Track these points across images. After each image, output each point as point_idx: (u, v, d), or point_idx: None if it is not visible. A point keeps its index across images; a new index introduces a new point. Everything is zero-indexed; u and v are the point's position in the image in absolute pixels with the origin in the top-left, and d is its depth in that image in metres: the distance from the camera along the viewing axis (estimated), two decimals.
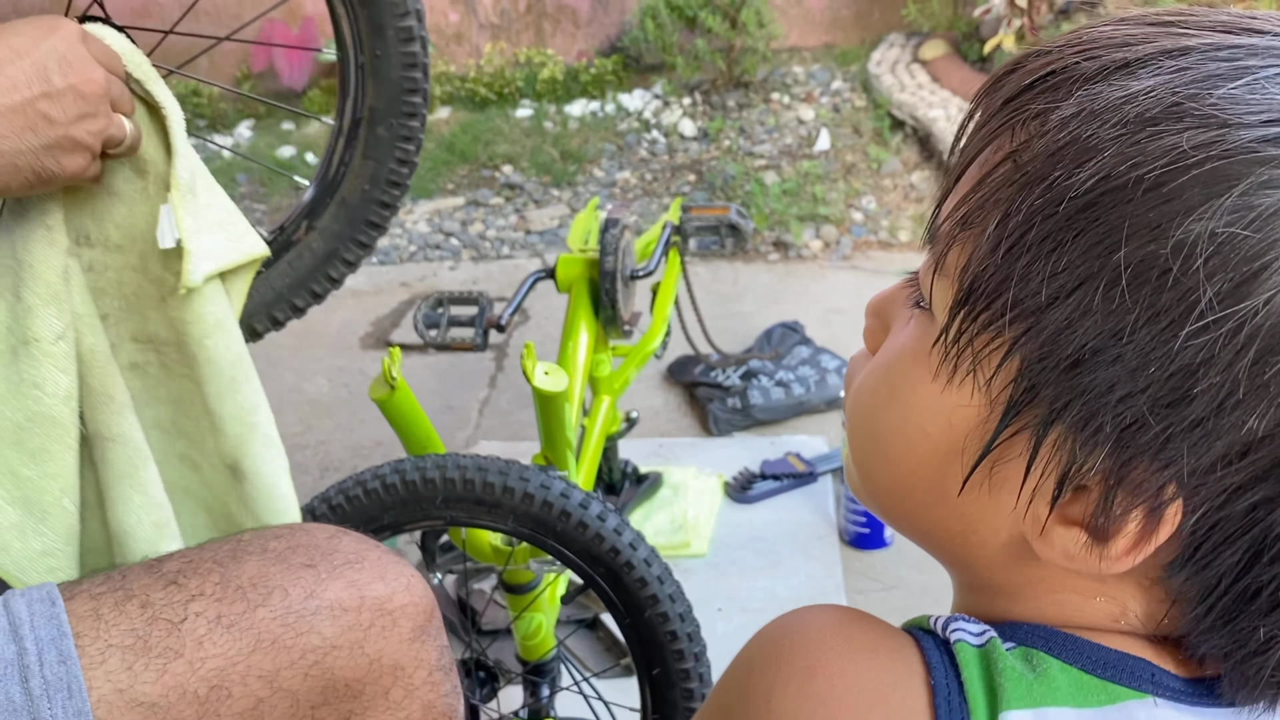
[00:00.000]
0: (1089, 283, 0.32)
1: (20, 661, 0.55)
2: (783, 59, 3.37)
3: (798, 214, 2.69)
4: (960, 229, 0.35)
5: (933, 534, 0.40)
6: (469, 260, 2.73)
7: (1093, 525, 0.34)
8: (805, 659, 0.37)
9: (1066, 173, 0.33)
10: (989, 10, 2.83)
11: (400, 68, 0.85)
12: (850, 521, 1.60)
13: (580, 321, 1.38)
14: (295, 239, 0.89)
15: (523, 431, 1.97)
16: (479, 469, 1.00)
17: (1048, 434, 0.34)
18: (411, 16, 0.84)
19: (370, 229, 0.90)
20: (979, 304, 0.34)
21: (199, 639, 0.58)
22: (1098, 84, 0.34)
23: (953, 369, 0.36)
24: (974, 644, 0.36)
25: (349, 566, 0.64)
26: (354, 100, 0.86)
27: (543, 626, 1.19)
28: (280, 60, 3.41)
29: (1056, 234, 0.32)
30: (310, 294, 0.91)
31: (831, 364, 1.99)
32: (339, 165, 0.88)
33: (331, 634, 0.61)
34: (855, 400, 0.41)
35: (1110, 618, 0.37)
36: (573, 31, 3.55)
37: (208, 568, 0.61)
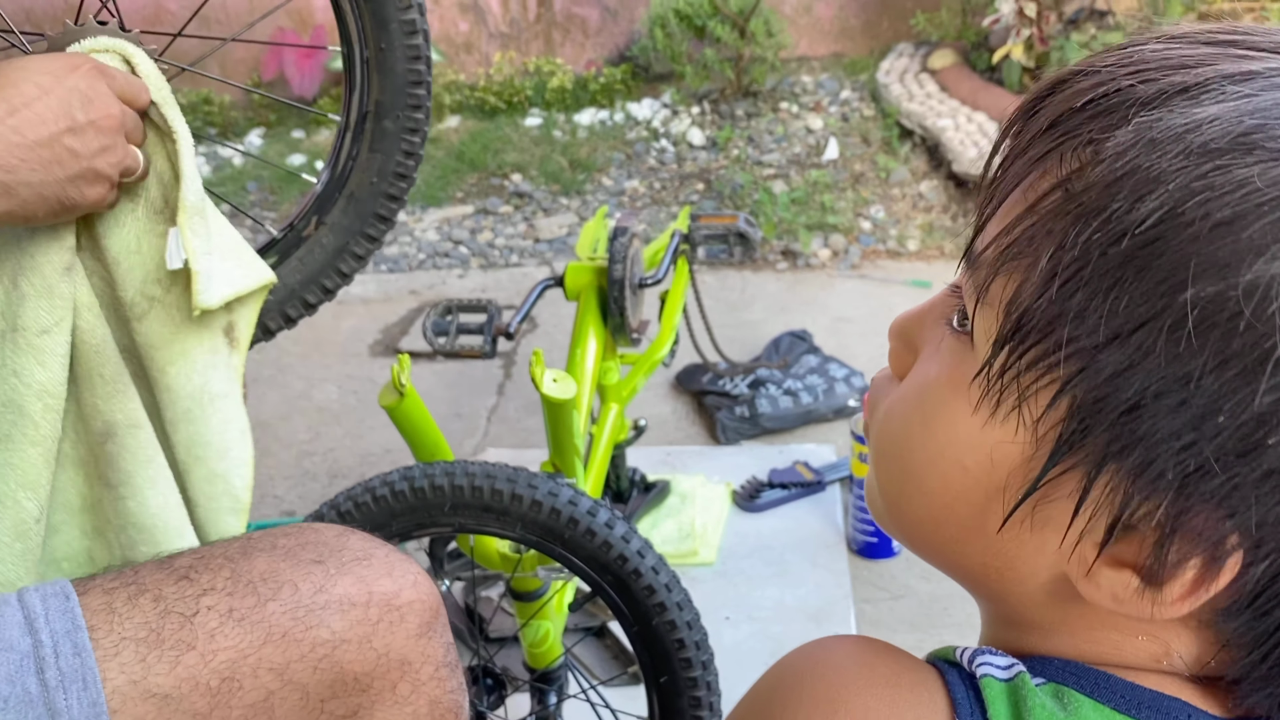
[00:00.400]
0: (1151, 323, 0.30)
1: (36, 654, 0.56)
2: (791, 68, 3.38)
3: (806, 223, 2.69)
4: (1006, 259, 0.34)
5: (965, 567, 0.38)
6: (478, 268, 2.74)
7: (1146, 569, 0.33)
8: (827, 691, 0.36)
9: (1126, 205, 0.31)
10: (998, 20, 2.83)
11: (404, 61, 0.86)
12: (858, 530, 1.60)
13: (589, 329, 1.39)
14: (305, 235, 0.89)
15: (530, 439, 1.97)
16: (487, 476, 1.00)
17: (1100, 476, 0.32)
18: (414, 10, 0.85)
19: (379, 222, 0.90)
20: (1028, 340, 0.33)
21: (211, 632, 0.59)
22: (1156, 109, 0.32)
23: (995, 404, 0.34)
24: (1001, 678, 0.35)
25: (357, 563, 0.65)
26: (360, 95, 0.87)
27: (550, 634, 1.19)
28: (291, 68, 3.43)
29: (1115, 271, 0.31)
30: (322, 289, 0.91)
31: (840, 373, 1.99)
32: (347, 160, 0.88)
33: (340, 628, 0.62)
34: (884, 428, 0.40)
35: (1152, 658, 0.35)
36: (582, 41, 3.56)
37: (218, 563, 0.62)
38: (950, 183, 2.79)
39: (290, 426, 2.05)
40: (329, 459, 1.95)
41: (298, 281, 0.91)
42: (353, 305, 2.52)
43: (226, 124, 3.44)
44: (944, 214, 2.74)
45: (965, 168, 2.68)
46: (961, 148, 2.72)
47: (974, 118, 2.82)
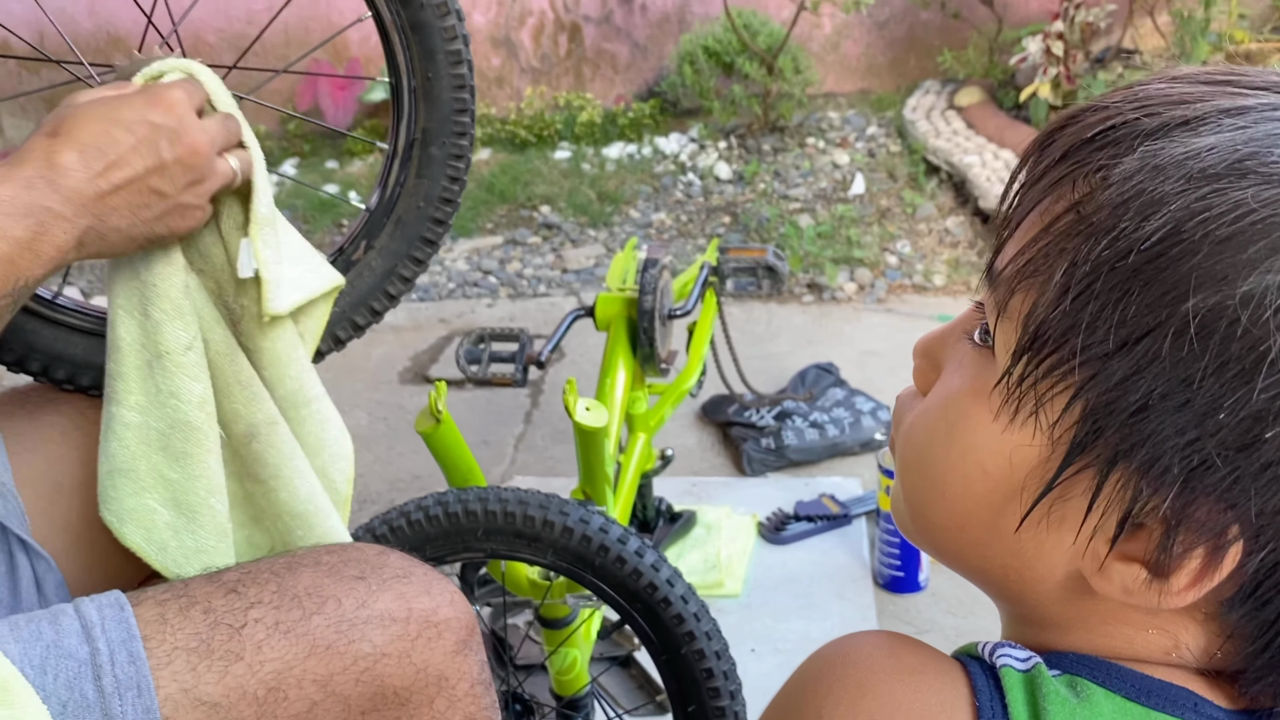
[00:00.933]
0: (1156, 331, 0.33)
1: (93, 661, 0.58)
2: (818, 104, 3.41)
3: (832, 256, 2.71)
4: (1023, 276, 0.37)
5: (986, 569, 0.41)
6: (506, 298, 2.77)
7: (1153, 562, 0.35)
8: (856, 678, 0.38)
9: (1133, 225, 0.34)
10: (1025, 59, 2.85)
11: (450, 89, 0.89)
12: (884, 564, 1.59)
13: (618, 359, 1.40)
14: (355, 259, 0.93)
15: (557, 468, 1.98)
16: (520, 502, 1.02)
17: (1111, 474, 0.35)
18: (459, 41, 0.88)
19: (425, 245, 0.93)
20: (1044, 349, 0.35)
21: (258, 643, 0.61)
22: (1159, 140, 0.35)
23: (1014, 410, 0.37)
24: (1019, 669, 0.37)
25: (397, 580, 0.67)
26: (408, 123, 0.90)
27: (578, 661, 1.20)
28: (325, 100, 3.50)
29: (1123, 284, 0.34)
30: (370, 311, 0.94)
31: (866, 406, 1.99)
32: (395, 186, 0.91)
33: (381, 642, 0.64)
34: (909, 438, 0.42)
35: (1162, 650, 0.38)
36: (612, 76, 3.61)
37: (265, 578, 0.64)
38: (976, 219, 2.80)
39: None
40: (359, 484, 1.97)
41: (348, 304, 0.94)
42: (383, 333, 2.55)
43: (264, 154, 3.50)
44: (970, 249, 2.74)
45: (991, 204, 2.70)
46: (988, 184, 2.73)
47: (1000, 154, 2.84)
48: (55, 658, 0.58)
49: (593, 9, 3.54)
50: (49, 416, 0.81)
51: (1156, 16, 2.95)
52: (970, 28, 3.24)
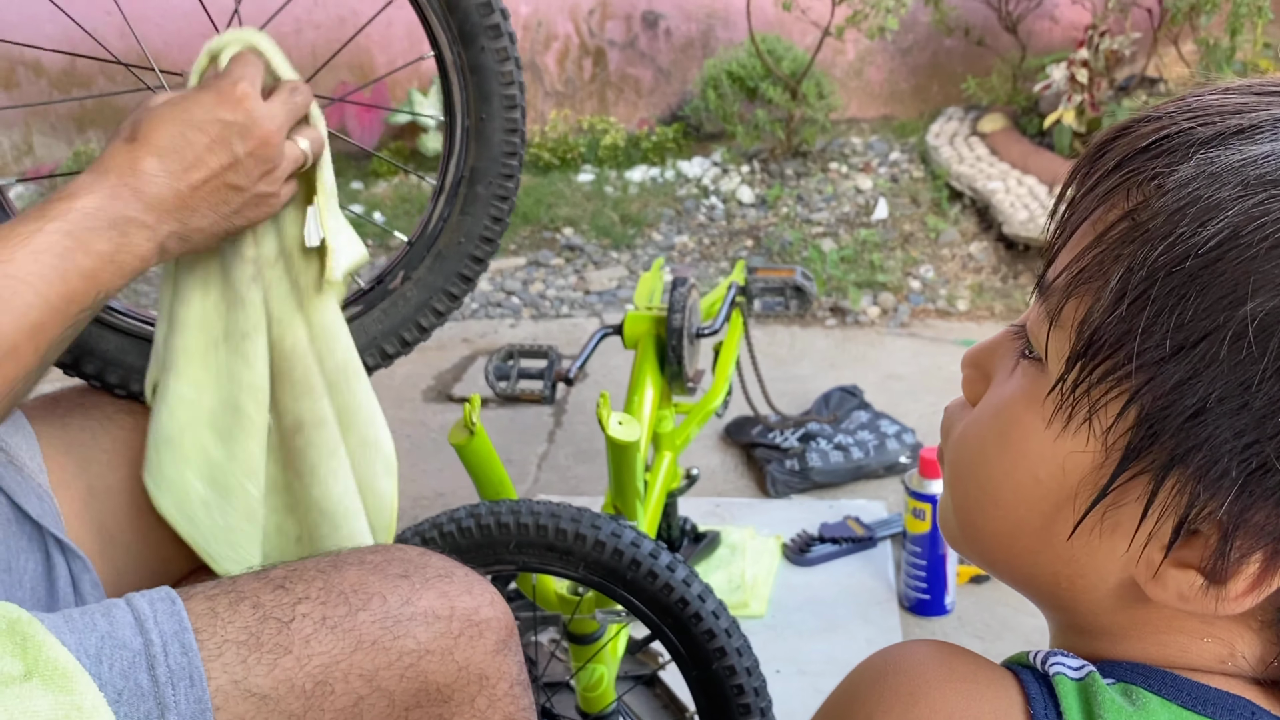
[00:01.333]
0: (1214, 334, 0.33)
1: (147, 652, 0.59)
2: (841, 129, 3.43)
3: (855, 280, 2.71)
4: (1077, 284, 0.37)
5: (1037, 578, 0.41)
6: (529, 318, 2.79)
7: (1209, 568, 0.35)
8: (908, 685, 0.38)
9: (1190, 230, 0.34)
10: (1049, 86, 2.86)
11: (502, 132, 0.91)
12: (910, 587, 1.58)
13: (646, 377, 1.41)
14: (391, 288, 0.93)
15: (580, 486, 1.98)
16: (552, 515, 1.02)
17: (1166, 479, 0.35)
18: (515, 86, 0.90)
19: (461, 281, 0.95)
20: (1099, 355, 0.36)
21: (306, 638, 0.62)
22: (1215, 148, 0.35)
23: (1067, 417, 0.37)
24: (1073, 677, 0.37)
25: (440, 579, 0.67)
26: (457, 160, 0.91)
27: (605, 678, 1.20)
28: (352, 121, 3.54)
29: (1180, 288, 0.34)
30: (400, 341, 0.95)
31: (891, 429, 1.98)
32: (438, 220, 0.93)
33: (425, 639, 0.64)
34: (960, 448, 0.42)
35: (1217, 659, 0.37)
36: (635, 100, 3.64)
37: (311, 575, 0.65)
38: (1000, 244, 2.80)
39: None
40: None
41: (379, 331, 0.95)
42: None
43: None
44: (994, 275, 2.74)
45: (1015, 230, 2.70)
46: (1012, 210, 2.73)
47: (1024, 181, 2.84)
48: (110, 648, 0.59)
49: (617, 34, 3.58)
50: (78, 420, 0.83)
51: (1181, 45, 2.96)
52: (994, 55, 3.25)
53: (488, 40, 0.87)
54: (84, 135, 3.71)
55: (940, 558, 1.55)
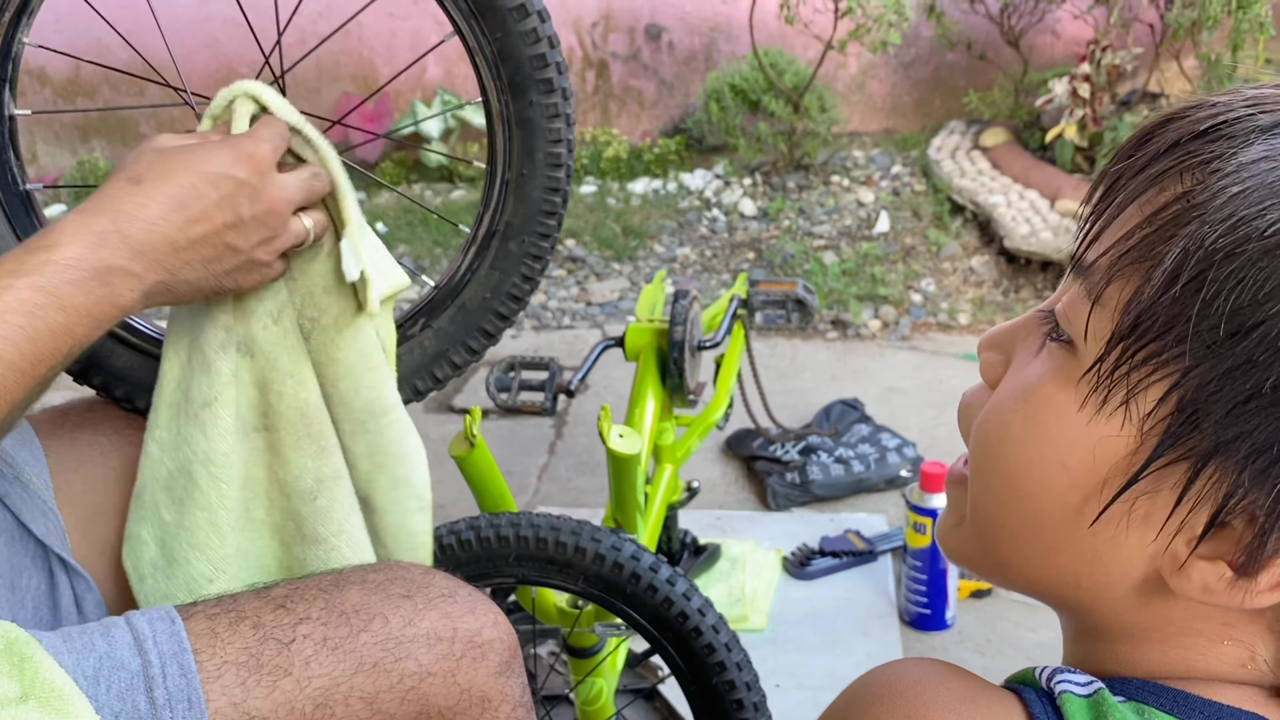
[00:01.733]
0: (1272, 321, 0.33)
1: (145, 674, 0.58)
2: (843, 143, 3.44)
3: (856, 293, 2.71)
4: (1124, 264, 0.36)
5: (1055, 578, 0.39)
6: (531, 329, 2.79)
7: (1242, 560, 0.35)
8: (905, 708, 0.37)
9: (1254, 212, 0.33)
10: (1051, 100, 2.87)
11: (542, 190, 0.87)
12: (911, 601, 1.58)
13: (647, 389, 1.41)
14: (410, 334, 0.90)
15: (581, 498, 1.98)
16: (552, 528, 1.02)
17: (1206, 467, 0.34)
18: (563, 145, 0.86)
19: (483, 337, 0.91)
20: (1146, 336, 0.35)
21: (306, 659, 0.61)
22: (1277, 135, 0.35)
23: (1103, 400, 0.36)
24: (1080, 694, 0.36)
25: (443, 599, 0.67)
26: (493, 213, 0.88)
27: (604, 692, 1.19)
28: (355, 135, 3.55)
29: (1239, 271, 0.33)
30: (413, 390, 0.91)
31: (891, 443, 1.98)
32: (466, 271, 0.89)
33: (427, 661, 0.64)
34: (985, 437, 0.40)
35: (1237, 663, 0.37)
36: (638, 113, 3.65)
37: (313, 594, 0.65)
38: (1001, 258, 2.80)
39: None
40: None
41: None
42: None
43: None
44: (995, 289, 2.74)
45: (1017, 244, 2.70)
46: (1013, 224, 2.74)
47: (1026, 195, 2.84)
48: (108, 669, 0.58)
49: (620, 46, 3.59)
50: (88, 436, 0.82)
51: (1183, 60, 2.97)
52: (996, 69, 3.26)
53: (538, 95, 0.83)
54: (88, 144, 3.72)
55: (941, 572, 1.55)
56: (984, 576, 0.43)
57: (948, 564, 1.54)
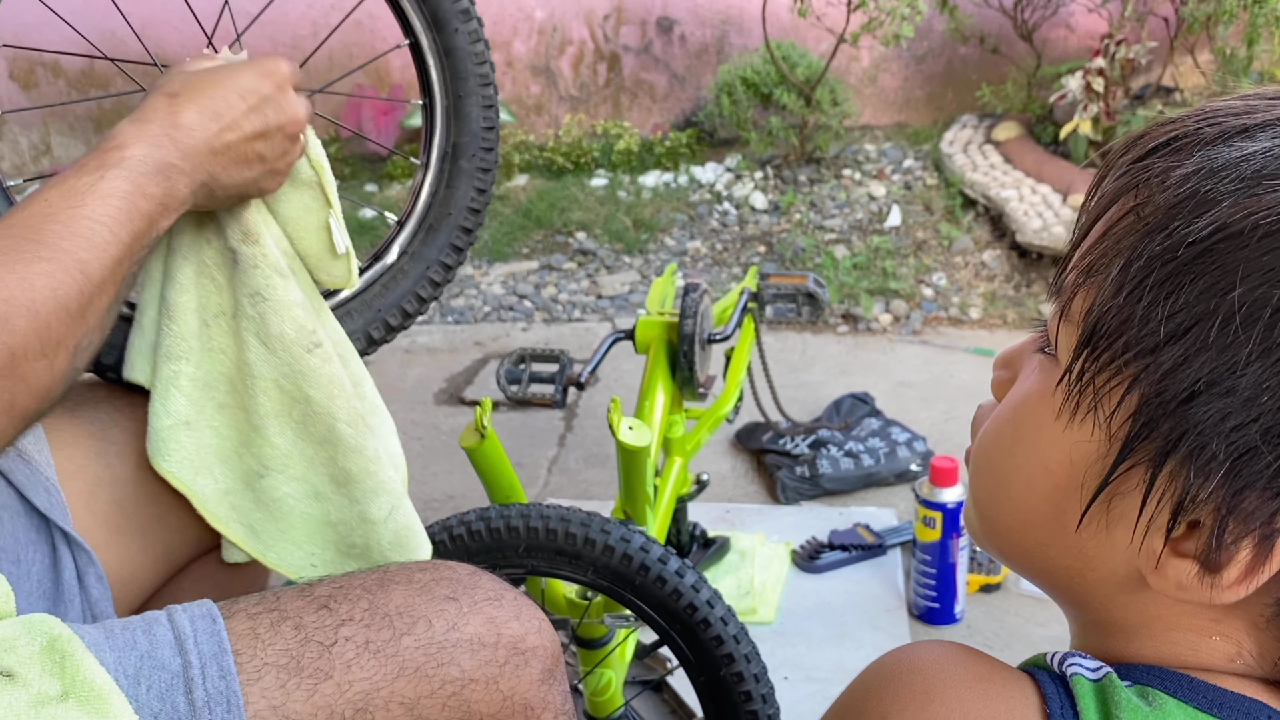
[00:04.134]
0: (1204, 321, 0.34)
1: (185, 674, 0.58)
2: (855, 136, 3.43)
3: (867, 287, 2.71)
4: (1085, 277, 0.38)
5: (1052, 572, 0.41)
6: (541, 322, 2.79)
7: (1205, 555, 0.36)
8: (923, 684, 0.38)
9: (1185, 222, 0.35)
10: (1064, 94, 2.85)
11: (479, 108, 0.98)
12: (920, 595, 1.58)
13: (658, 382, 1.41)
14: (390, 264, 1.00)
15: (590, 490, 1.98)
16: (562, 519, 1.02)
17: (1164, 466, 0.36)
18: (487, 65, 0.98)
19: (454, 251, 1.01)
20: (1101, 344, 0.37)
21: (347, 662, 0.60)
22: (1218, 146, 0.37)
23: (1074, 407, 0.38)
24: (1090, 678, 0.38)
25: (489, 603, 0.66)
26: (440, 138, 0.99)
27: (612, 683, 1.20)
28: (368, 125, 3.56)
29: (1175, 277, 0.35)
30: (402, 313, 1.01)
31: (901, 437, 1.98)
32: (427, 196, 1.00)
33: (470, 667, 0.63)
34: (981, 443, 0.43)
35: (1226, 657, 0.38)
36: (649, 106, 3.65)
37: (357, 594, 0.64)
38: (1013, 253, 2.79)
39: None
40: None
41: (383, 305, 1.01)
42: (419, 355, 2.58)
43: None
44: (1007, 283, 2.73)
45: (1029, 238, 2.69)
46: (1025, 218, 2.73)
47: (1038, 189, 2.83)
48: (149, 669, 0.58)
49: (632, 39, 3.58)
50: (88, 412, 0.83)
51: (1198, 54, 2.95)
52: (1009, 63, 3.24)
53: (460, 23, 0.95)
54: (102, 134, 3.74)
55: (950, 566, 1.55)
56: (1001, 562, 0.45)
57: (957, 558, 1.54)
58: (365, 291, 0.99)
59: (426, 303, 1.02)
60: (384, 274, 0.99)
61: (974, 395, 2.22)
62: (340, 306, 0.98)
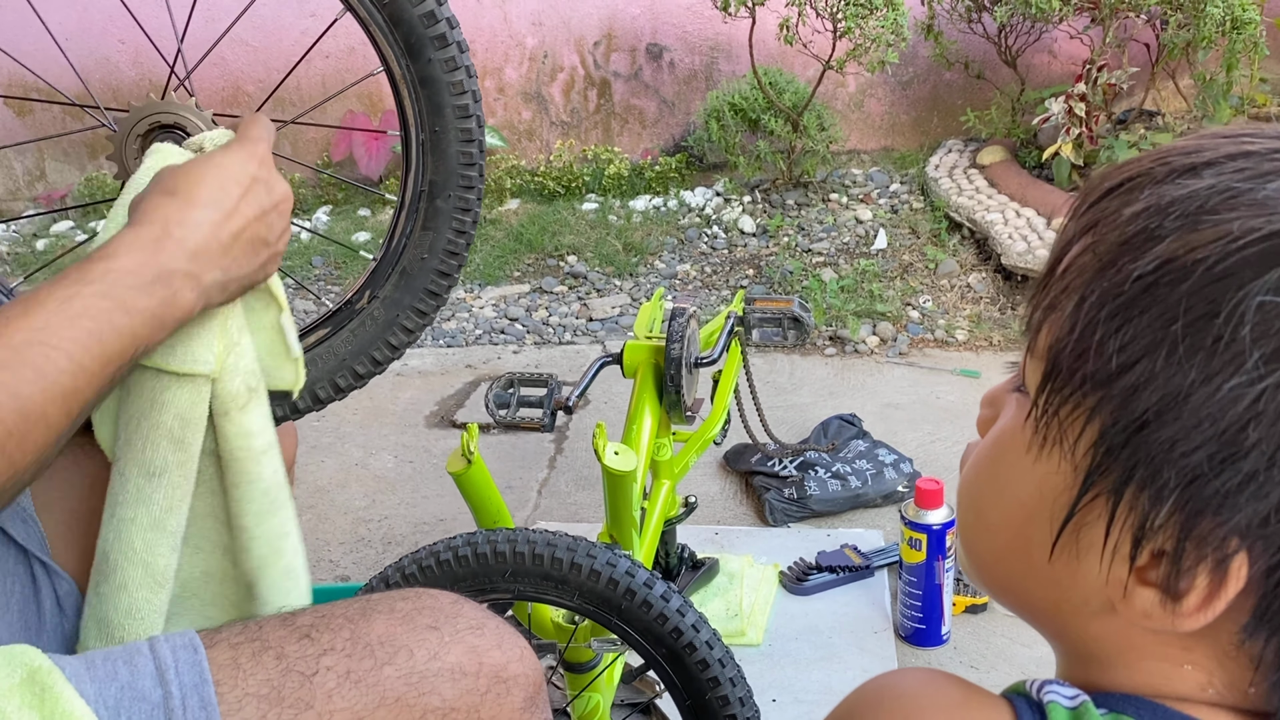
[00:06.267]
0: (1152, 352, 0.36)
1: (165, 705, 0.58)
2: (842, 161, 3.46)
3: (854, 310, 2.73)
4: (1047, 314, 0.40)
5: (1031, 604, 0.43)
6: (532, 345, 2.81)
7: (1166, 584, 0.37)
8: (903, 711, 0.40)
9: (1133, 258, 0.37)
10: (1048, 119, 2.89)
11: (458, 142, 0.90)
12: (907, 617, 1.59)
13: (645, 405, 1.43)
14: (359, 308, 0.93)
15: (580, 513, 2.00)
16: (548, 544, 1.03)
17: (1124, 495, 0.37)
18: (468, 96, 0.89)
19: (429, 297, 0.94)
20: (1061, 377, 0.38)
21: (328, 692, 0.61)
22: (1165, 185, 0.38)
23: (1042, 440, 0.39)
24: (1066, 706, 0.39)
25: (471, 632, 0.66)
26: (415, 175, 0.90)
27: (600, 706, 1.21)
28: (360, 150, 3.59)
29: (1124, 310, 0.37)
30: (371, 361, 0.94)
31: (888, 458, 2.00)
32: (400, 237, 0.92)
33: (451, 696, 0.63)
34: (964, 478, 0.45)
35: (1198, 686, 0.39)
36: (639, 131, 3.68)
37: (339, 623, 0.64)
38: (999, 275, 2.82)
39: (347, 493, 2.10)
40: (384, 526, 1.99)
41: (349, 352, 0.95)
42: (410, 378, 2.59)
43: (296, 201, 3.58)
44: (992, 306, 2.76)
45: (1014, 261, 2.72)
46: (1010, 241, 2.76)
47: (1023, 213, 2.86)
48: (129, 700, 0.58)
49: (622, 66, 3.62)
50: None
51: (1178, 79, 2.99)
52: (993, 88, 3.29)
53: (434, 51, 0.86)
54: (96, 161, 3.76)
55: (936, 587, 1.56)
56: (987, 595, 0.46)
57: (943, 579, 1.56)
58: (331, 338, 0.93)
59: (398, 350, 0.95)
60: (352, 319, 0.92)
61: (960, 417, 2.24)
62: (307, 352, 0.92)
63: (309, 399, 0.94)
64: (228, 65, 3.53)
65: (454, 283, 0.94)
